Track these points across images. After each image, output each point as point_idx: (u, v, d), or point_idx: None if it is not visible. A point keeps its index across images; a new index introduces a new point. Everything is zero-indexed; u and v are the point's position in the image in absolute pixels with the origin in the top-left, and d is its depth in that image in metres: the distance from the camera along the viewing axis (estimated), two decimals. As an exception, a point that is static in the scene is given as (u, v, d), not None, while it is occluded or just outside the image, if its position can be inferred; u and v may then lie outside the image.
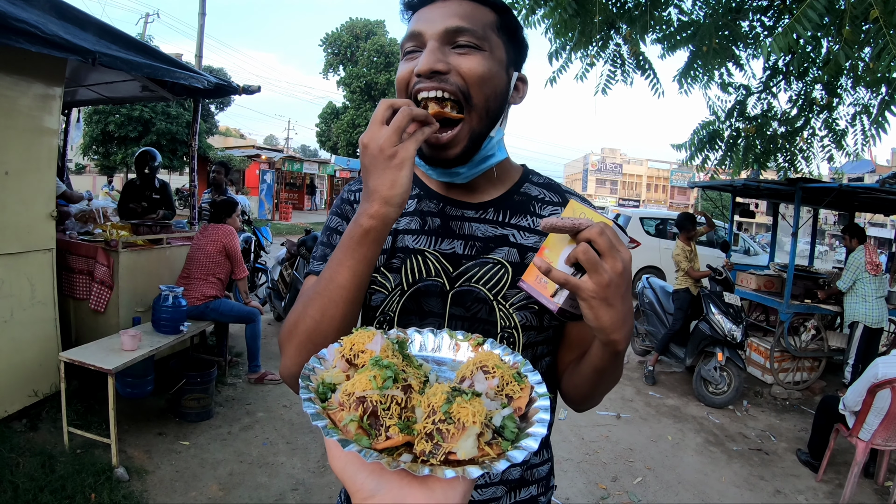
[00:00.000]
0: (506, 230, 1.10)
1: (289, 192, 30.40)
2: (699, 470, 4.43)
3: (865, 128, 6.18)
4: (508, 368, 0.96)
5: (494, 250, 1.08)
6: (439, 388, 0.84)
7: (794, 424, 5.54)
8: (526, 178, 1.18)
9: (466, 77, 0.96)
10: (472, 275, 1.07)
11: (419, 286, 1.08)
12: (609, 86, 5.68)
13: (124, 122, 17.43)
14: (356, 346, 0.95)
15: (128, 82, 5.33)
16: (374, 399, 0.82)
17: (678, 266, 6.29)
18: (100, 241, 4.49)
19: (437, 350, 1.12)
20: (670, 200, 66.37)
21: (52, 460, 3.26)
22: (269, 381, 5.17)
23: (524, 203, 1.14)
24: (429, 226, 1.10)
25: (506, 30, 1.04)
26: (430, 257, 1.08)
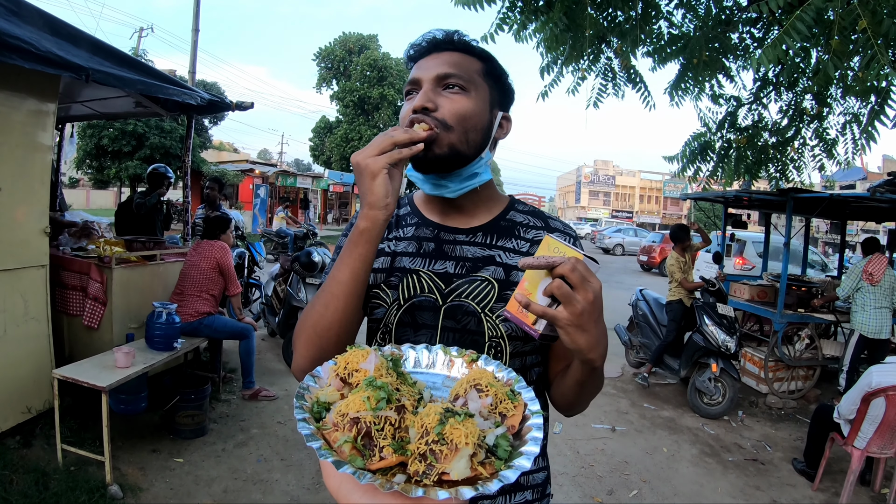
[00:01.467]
0: (493, 251, 1.24)
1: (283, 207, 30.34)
2: (695, 481, 4.43)
3: (856, 136, 6.22)
4: (502, 386, 0.99)
5: (482, 269, 1.22)
6: (432, 409, 0.86)
7: (790, 434, 5.55)
8: (512, 207, 1.34)
9: (448, 113, 1.15)
10: (461, 291, 1.20)
11: (414, 301, 1.21)
12: (600, 99, 5.71)
13: (118, 137, 17.42)
14: (350, 364, 0.99)
15: (121, 98, 5.34)
16: (367, 420, 0.84)
17: (672, 277, 6.31)
18: (93, 257, 4.48)
19: (432, 366, 1.17)
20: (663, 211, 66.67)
21: (45, 477, 3.24)
22: (264, 397, 5.14)
23: (510, 228, 1.28)
24: (424, 249, 1.25)
25: (491, 76, 1.23)
26: (424, 276, 1.22)
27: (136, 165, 17.08)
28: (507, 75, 1.28)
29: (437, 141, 1.13)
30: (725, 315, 5.91)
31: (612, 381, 6.85)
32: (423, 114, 1.14)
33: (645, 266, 22.51)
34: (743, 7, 5.46)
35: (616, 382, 6.84)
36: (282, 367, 6.17)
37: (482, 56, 1.24)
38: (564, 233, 1.30)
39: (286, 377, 5.88)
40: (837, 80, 5.31)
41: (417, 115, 1.14)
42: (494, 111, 1.24)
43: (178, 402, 4.16)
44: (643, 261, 22.68)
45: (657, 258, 21.61)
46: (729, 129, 6.77)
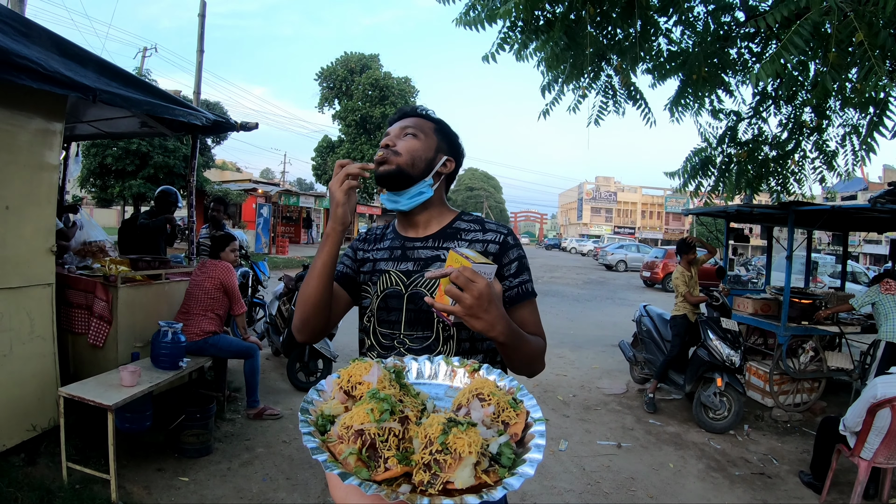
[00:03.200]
0: (438, 251, 1.64)
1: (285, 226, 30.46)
2: (702, 496, 4.40)
3: (856, 148, 6.24)
4: (504, 395, 1.03)
5: (432, 265, 1.61)
6: (436, 419, 0.88)
7: (796, 446, 5.51)
8: (458, 218, 1.73)
9: (401, 147, 1.63)
10: (418, 282, 1.61)
11: (387, 292, 1.64)
12: (601, 116, 5.74)
13: (122, 156, 17.45)
14: (353, 377, 1.03)
15: (127, 118, 5.40)
16: (371, 432, 0.87)
17: (677, 290, 6.31)
18: (98, 275, 4.50)
19: (434, 377, 1.25)
20: (665, 227, 66.63)
21: (50, 495, 3.23)
22: (269, 415, 5.14)
23: (454, 234, 1.68)
24: (393, 255, 1.69)
25: (440, 132, 1.72)
26: (393, 274, 1.65)
27: (140, 184, 17.13)
28: (456, 136, 1.77)
29: (388, 161, 1.60)
30: (730, 329, 5.90)
31: (617, 398, 6.84)
32: (386, 149, 1.62)
33: (648, 282, 22.48)
34: (741, 22, 5.50)
35: (621, 399, 6.81)
36: (286, 385, 6.17)
37: (436, 120, 1.75)
38: (497, 231, 1.67)
39: (290, 396, 5.87)
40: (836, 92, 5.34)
41: (382, 151, 1.61)
42: (440, 155, 1.69)
43: (183, 421, 4.16)
44: (646, 276, 22.66)
45: (660, 274, 21.57)
46: (729, 143, 6.81)
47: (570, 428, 5.66)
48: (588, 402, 6.64)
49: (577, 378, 7.63)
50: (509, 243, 1.65)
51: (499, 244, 1.64)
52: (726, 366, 5.67)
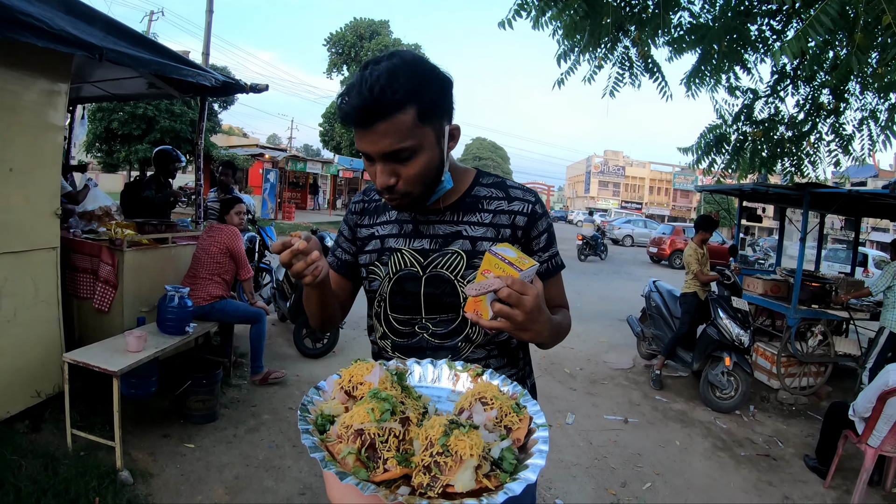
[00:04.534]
0: (459, 227, 1.45)
1: (292, 192, 30.38)
2: (708, 475, 4.39)
3: (873, 133, 6.16)
4: (507, 399, 1.00)
5: (452, 243, 1.44)
6: (437, 421, 0.87)
7: (801, 430, 5.50)
8: (476, 182, 1.51)
9: (407, 183, 1.30)
10: (437, 263, 1.43)
11: (400, 274, 1.46)
12: (617, 88, 5.67)
13: (128, 120, 17.38)
14: (355, 378, 1.00)
15: (134, 79, 5.29)
16: (371, 432, 0.85)
17: (688, 268, 6.24)
18: (104, 239, 4.44)
19: (437, 381, 1.22)
20: (672, 204, 66.35)
21: (55, 462, 3.22)
22: (273, 379, 5.12)
23: (473, 203, 1.47)
24: (404, 230, 1.48)
25: (427, 111, 1.26)
26: (406, 253, 1.45)
27: (146, 149, 17.04)
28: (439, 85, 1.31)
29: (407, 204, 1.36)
30: (740, 309, 5.84)
31: (623, 373, 6.83)
32: (389, 192, 1.32)
33: (655, 258, 22.38)
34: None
35: (628, 374, 6.80)
36: (292, 351, 6.15)
37: (413, 100, 1.23)
38: (524, 200, 1.48)
39: (297, 362, 5.86)
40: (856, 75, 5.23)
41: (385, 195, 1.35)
42: (442, 140, 1.34)
43: (189, 387, 4.14)
44: (653, 252, 22.55)
45: (667, 250, 21.49)
46: (745, 121, 6.71)
47: (576, 401, 5.65)
48: (595, 375, 6.63)
49: (583, 351, 7.60)
50: (538, 213, 1.47)
51: (527, 215, 1.46)
52: (735, 345, 5.63)
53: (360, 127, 1.24)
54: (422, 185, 1.32)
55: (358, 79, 1.23)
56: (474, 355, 1.46)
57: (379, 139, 1.23)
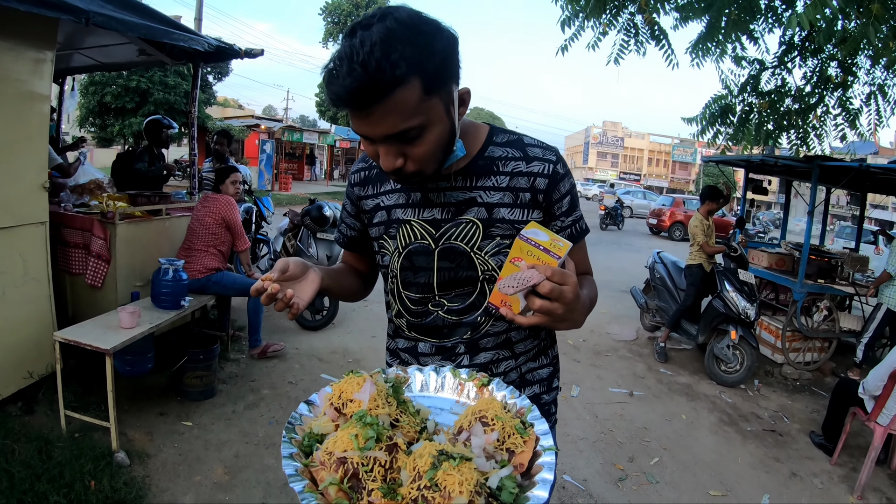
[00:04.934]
0: (473, 193, 1.30)
1: (288, 163, 30.15)
2: (714, 450, 4.34)
3: (880, 108, 6.11)
4: (510, 419, 0.93)
5: (466, 211, 1.29)
6: (427, 449, 0.81)
7: (806, 405, 5.44)
8: (490, 141, 1.34)
9: (418, 162, 1.14)
10: (450, 234, 1.30)
11: (411, 248, 1.33)
12: (622, 55, 5.58)
13: (121, 93, 17.20)
14: (344, 394, 0.95)
15: (124, 46, 5.09)
16: (354, 461, 0.80)
17: (693, 239, 6.13)
18: (96, 212, 4.30)
19: (440, 389, 1.16)
20: (671, 175, 66.18)
21: (49, 446, 3.12)
22: (272, 352, 5.04)
23: (487, 166, 1.31)
24: (412, 199, 1.33)
25: (433, 80, 1.06)
26: (415, 225, 1.32)
27: (140, 122, 16.86)
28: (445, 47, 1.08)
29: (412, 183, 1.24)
30: (746, 282, 5.75)
31: (627, 345, 6.77)
32: (396, 174, 1.16)
33: (654, 229, 22.34)
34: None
35: (632, 346, 6.75)
36: (291, 324, 6.06)
37: (416, 70, 1.02)
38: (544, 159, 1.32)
39: (295, 335, 5.78)
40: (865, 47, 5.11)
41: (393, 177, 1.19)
42: (451, 108, 1.15)
43: (186, 363, 4.03)
44: (652, 224, 22.51)
45: (667, 222, 21.46)
46: (751, 92, 6.58)
47: (581, 373, 5.59)
48: (598, 347, 6.57)
49: (586, 322, 7.51)
50: (559, 173, 1.32)
51: (548, 177, 1.31)
52: (741, 319, 5.56)
53: (355, 110, 1.04)
54: (433, 162, 1.17)
55: (347, 50, 0.99)
56: (494, 328, 1.35)
57: (379, 121, 1.04)
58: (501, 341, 1.38)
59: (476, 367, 1.35)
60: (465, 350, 1.36)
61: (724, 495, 3.74)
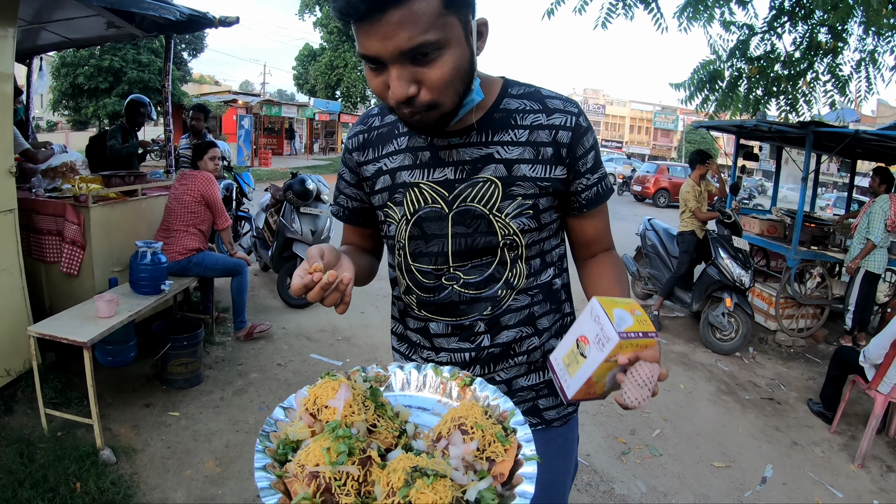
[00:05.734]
0: (490, 148, 1.16)
1: (267, 138, 29.72)
2: (715, 421, 4.30)
3: (870, 75, 6.05)
4: (491, 426, 0.90)
5: (482, 169, 1.16)
6: (400, 463, 0.79)
7: (802, 373, 5.42)
8: (505, 93, 1.21)
9: (435, 89, 0.99)
10: (466, 195, 1.17)
11: (420, 213, 1.20)
12: (610, 19, 5.46)
13: (94, 74, 16.85)
14: (319, 399, 0.91)
15: (91, 18, 4.81)
16: (327, 475, 0.78)
17: (685, 205, 6.03)
18: (68, 196, 4.09)
19: (421, 388, 1.10)
20: (653, 143, 66.22)
21: (30, 448, 2.95)
22: (259, 332, 4.88)
23: (504, 119, 1.18)
24: (420, 159, 1.19)
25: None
26: (425, 187, 1.18)
27: (115, 102, 16.55)
28: None
29: (430, 116, 1.04)
30: (741, 248, 5.69)
31: (619, 316, 6.69)
32: (408, 105, 1.00)
33: (639, 196, 22.40)
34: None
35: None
36: (277, 303, 5.92)
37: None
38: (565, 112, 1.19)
39: (282, 314, 5.63)
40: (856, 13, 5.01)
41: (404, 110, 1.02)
42: (471, 36, 1.03)
43: (169, 350, 3.85)
44: (637, 191, 22.54)
45: (651, 189, 21.50)
46: (740, 58, 6.47)
47: (576, 345, 5.49)
48: (591, 316, 6.47)
49: (577, 291, 7.43)
50: (582, 127, 1.20)
51: (571, 129, 1.18)
52: (736, 286, 5.50)
53: (365, 19, 0.91)
54: (452, 92, 1.01)
55: None
56: (517, 303, 1.25)
57: (393, 32, 0.91)
58: (524, 317, 1.27)
59: (498, 347, 1.26)
60: (486, 328, 1.25)
61: (727, 466, 3.69)
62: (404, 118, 1.05)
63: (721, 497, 3.36)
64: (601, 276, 1.28)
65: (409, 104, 1.00)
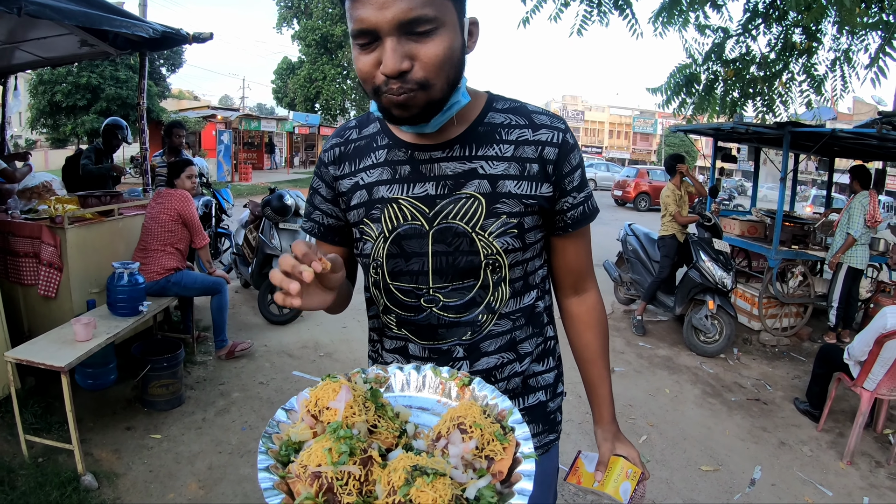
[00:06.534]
0: (473, 163, 1.13)
1: (247, 152, 29.61)
2: (702, 424, 4.29)
3: (845, 74, 6.11)
4: (489, 425, 0.90)
5: (465, 185, 1.12)
6: (401, 463, 0.80)
7: (787, 372, 5.45)
8: (490, 107, 1.17)
9: (426, 69, 0.97)
10: (447, 212, 1.12)
11: (399, 231, 1.14)
12: (585, 26, 5.51)
13: (71, 91, 16.74)
14: (321, 401, 0.92)
15: (64, 37, 4.76)
16: (329, 475, 0.79)
17: (665, 209, 6.06)
18: (44, 218, 4.03)
19: (421, 388, 1.10)
20: (633, 147, 66.72)
21: (11, 475, 2.89)
22: (240, 351, 4.83)
23: (489, 133, 1.15)
24: (399, 174, 1.15)
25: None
26: (404, 203, 1.13)
27: (93, 119, 16.43)
28: None
29: (415, 102, 0.99)
30: (721, 251, 5.73)
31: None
32: (400, 80, 0.96)
33: (619, 201, 22.51)
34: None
35: (608, 321, 6.67)
36: (258, 320, 5.85)
37: None
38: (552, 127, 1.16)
39: (264, 331, 5.57)
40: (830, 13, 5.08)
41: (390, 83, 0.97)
42: (464, 29, 1.03)
43: (150, 372, 3.79)
44: (617, 196, 22.65)
45: (632, 193, 21.63)
46: (715, 60, 6.54)
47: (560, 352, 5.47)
48: (574, 324, 6.47)
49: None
50: (569, 144, 1.17)
51: (557, 146, 1.15)
52: (718, 288, 5.52)
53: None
54: (444, 75, 0.99)
55: None
56: (498, 328, 1.21)
57: (392, 2, 0.91)
58: (505, 342, 1.23)
59: (477, 374, 1.21)
60: (465, 354, 1.21)
61: (715, 469, 3.69)
62: (390, 99, 0.99)
63: (710, 501, 3.35)
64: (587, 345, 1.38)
65: (401, 79, 0.96)
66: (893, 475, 3.78)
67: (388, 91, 0.98)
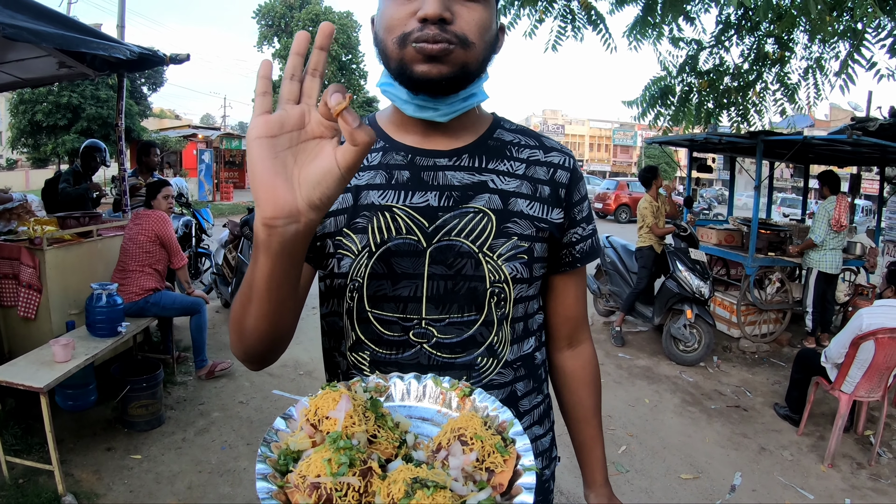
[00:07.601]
0: (483, 175, 1.00)
1: (229, 171, 29.50)
2: (681, 432, 4.33)
3: (818, 82, 6.22)
4: (490, 437, 0.88)
5: (474, 198, 0.98)
6: (401, 475, 0.78)
7: (767, 378, 5.51)
8: (498, 125, 1.09)
9: (468, 25, 0.88)
10: (451, 227, 0.97)
11: (389, 246, 0.96)
12: (559, 42, 5.58)
13: (52, 111, 16.68)
14: (320, 410, 0.88)
15: (42, 59, 4.76)
16: (328, 486, 0.76)
17: (643, 221, 6.13)
18: (23, 239, 4.01)
19: (421, 398, 1.03)
20: (613, 159, 67.22)
21: (-8, 497, 2.87)
22: (220, 371, 4.80)
23: (500, 148, 1.05)
24: (396, 179, 0.98)
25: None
26: (399, 213, 0.96)
27: (74, 139, 16.37)
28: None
29: (450, 58, 0.87)
30: (698, 260, 5.79)
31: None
32: (439, 27, 0.85)
33: (600, 213, 22.65)
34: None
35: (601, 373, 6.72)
36: (239, 341, 5.81)
37: None
38: (562, 152, 1.11)
39: (245, 352, 5.53)
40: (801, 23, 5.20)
41: (426, 29, 0.85)
42: (497, 25, 0.98)
43: (129, 393, 3.77)
44: (598, 208, 22.79)
45: (612, 205, 21.79)
46: (689, 72, 6.65)
47: (539, 366, 5.50)
48: (554, 336, 6.50)
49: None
50: (578, 172, 1.10)
51: (570, 171, 1.08)
52: (696, 297, 5.58)
53: None
54: (481, 43, 0.90)
55: None
56: (500, 378, 1.05)
57: None
58: (506, 396, 1.07)
59: None
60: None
61: (695, 477, 3.71)
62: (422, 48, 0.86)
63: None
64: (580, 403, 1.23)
65: (440, 27, 0.85)
66: (875, 476, 3.83)
67: (422, 37, 0.86)
